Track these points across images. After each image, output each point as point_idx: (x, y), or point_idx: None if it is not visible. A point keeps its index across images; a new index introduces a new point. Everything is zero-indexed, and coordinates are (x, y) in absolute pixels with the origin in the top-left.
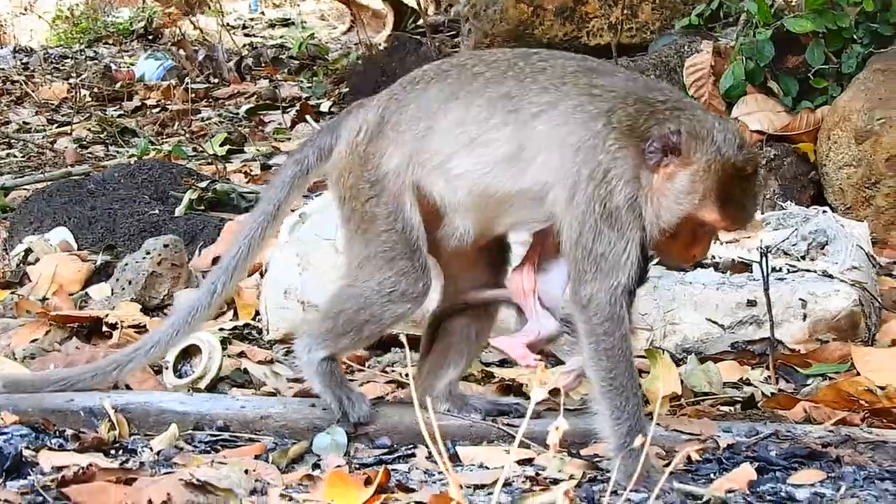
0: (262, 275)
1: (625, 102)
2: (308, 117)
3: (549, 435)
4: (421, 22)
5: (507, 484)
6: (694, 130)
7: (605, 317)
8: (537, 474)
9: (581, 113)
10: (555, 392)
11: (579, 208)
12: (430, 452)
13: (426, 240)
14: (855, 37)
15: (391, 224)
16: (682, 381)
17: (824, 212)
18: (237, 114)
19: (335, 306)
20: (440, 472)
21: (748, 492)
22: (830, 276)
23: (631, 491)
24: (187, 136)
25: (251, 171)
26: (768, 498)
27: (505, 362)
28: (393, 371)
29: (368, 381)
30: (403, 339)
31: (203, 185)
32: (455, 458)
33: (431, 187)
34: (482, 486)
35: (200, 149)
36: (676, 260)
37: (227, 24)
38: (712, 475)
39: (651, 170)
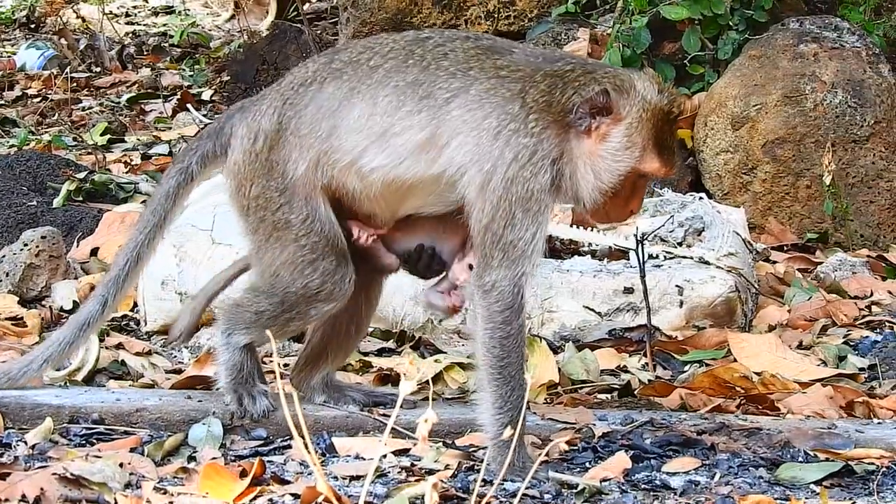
0: None
1: (533, 80)
2: (189, 106)
3: (419, 427)
4: (304, 8)
5: (382, 475)
6: (617, 86)
7: (507, 305)
8: (412, 465)
9: (494, 96)
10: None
11: (495, 193)
12: (305, 444)
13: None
14: (730, 23)
15: (308, 228)
16: (559, 369)
17: (701, 198)
18: (118, 103)
19: (256, 303)
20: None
21: (623, 480)
22: (707, 263)
23: (506, 480)
24: (68, 125)
25: (131, 161)
26: (643, 486)
27: (383, 352)
28: (271, 361)
29: None
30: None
31: (81, 175)
32: (331, 450)
33: (345, 185)
34: (357, 477)
35: (80, 139)
36: (614, 219)
37: (110, 13)
38: (588, 464)
39: (583, 135)
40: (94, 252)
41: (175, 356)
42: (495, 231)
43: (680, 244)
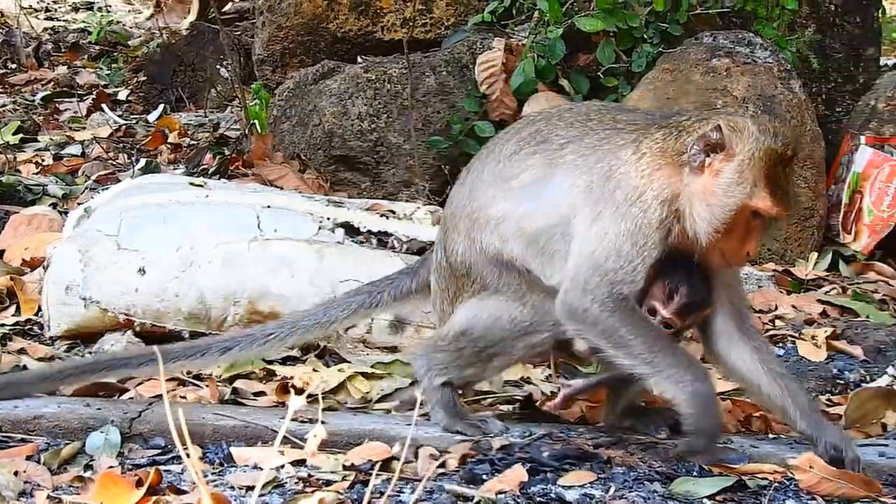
0: (45, 269)
1: (648, 132)
2: (104, 106)
3: (308, 442)
4: (227, 8)
5: (279, 485)
6: (731, 125)
7: (598, 322)
8: (309, 475)
9: (608, 144)
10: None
11: (603, 221)
12: (204, 453)
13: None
14: (645, 36)
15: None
16: None
17: None
18: (33, 101)
19: (458, 340)
20: (214, 473)
21: (518, 493)
22: None
23: (398, 491)
24: None
25: (43, 161)
26: (538, 499)
27: (287, 360)
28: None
29: (149, 379)
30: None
31: None
32: (229, 459)
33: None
34: (253, 488)
35: None
36: (729, 260)
37: (29, 7)
38: (484, 476)
39: (697, 172)
40: (0, 255)
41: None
42: (597, 260)
43: None
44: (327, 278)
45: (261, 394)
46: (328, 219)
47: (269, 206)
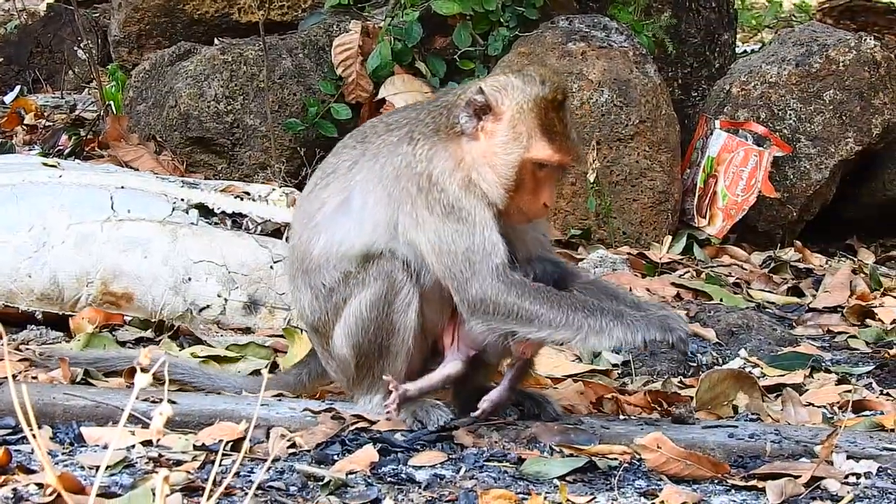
0: None
1: (419, 119)
2: None
3: (153, 420)
4: None
5: (129, 465)
6: (494, 85)
7: (502, 304)
8: (160, 455)
9: (385, 147)
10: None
11: (426, 222)
12: (54, 433)
13: None
14: (501, 20)
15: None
16: None
17: None
18: None
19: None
20: (64, 453)
21: (369, 473)
22: None
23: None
24: None
25: None
26: (388, 479)
27: (141, 341)
28: (27, 349)
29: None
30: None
31: None
32: (80, 439)
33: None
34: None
35: None
36: (528, 214)
37: None
38: (335, 457)
39: (473, 140)
40: None
41: None
42: (449, 250)
43: None
44: (181, 259)
45: (112, 374)
46: (182, 200)
47: (122, 187)
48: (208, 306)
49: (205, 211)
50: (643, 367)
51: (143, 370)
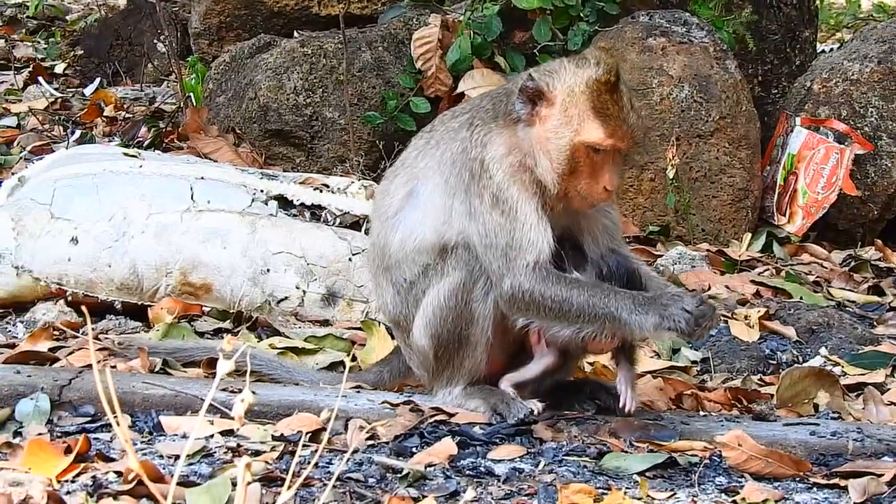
0: None
1: (480, 106)
2: (40, 79)
3: (235, 407)
4: None
5: (208, 454)
6: (546, 70)
7: (534, 300)
8: (238, 445)
9: (447, 135)
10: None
11: (476, 211)
12: (133, 422)
13: None
14: (581, 14)
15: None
16: None
17: None
18: None
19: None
20: (143, 442)
21: (448, 466)
22: None
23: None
24: None
25: None
26: (467, 472)
27: (219, 332)
28: (106, 338)
29: (80, 349)
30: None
31: None
32: (158, 428)
33: None
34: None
35: None
36: (589, 199)
37: None
38: (414, 449)
39: (529, 127)
40: None
41: (9, 330)
42: (491, 243)
43: None
44: (260, 250)
45: (191, 365)
46: (262, 191)
47: (202, 178)
48: (286, 298)
49: (284, 203)
50: (722, 364)
51: (226, 357)
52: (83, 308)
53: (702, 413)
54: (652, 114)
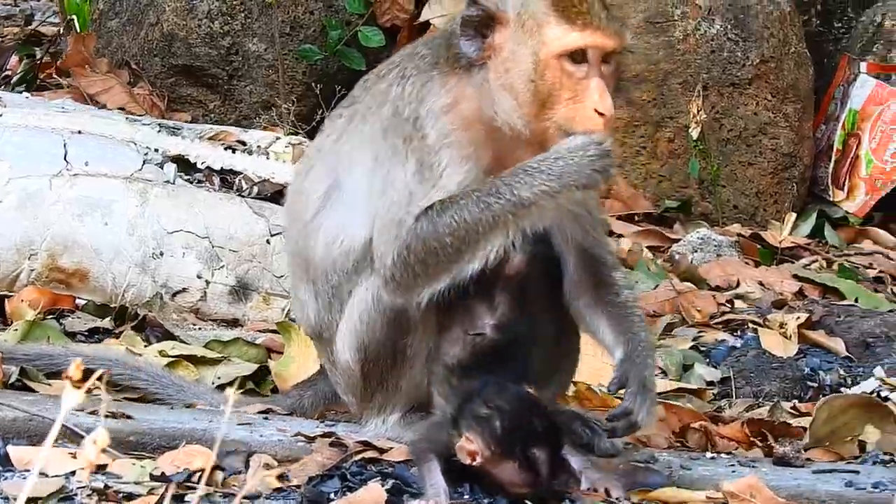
0: None
1: (414, 54)
2: None
3: (84, 448)
4: None
5: (67, 497)
6: None
7: (428, 242)
8: (106, 487)
9: (373, 99)
10: None
11: (394, 181)
12: None
13: None
14: None
15: None
16: None
17: None
18: None
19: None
20: None
21: None
22: None
23: None
24: None
25: None
26: None
27: (94, 333)
28: None
29: None
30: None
31: None
32: (5, 461)
33: None
34: (36, 500)
35: None
36: (581, 123)
37: None
38: (332, 495)
39: (481, 64)
40: None
41: None
42: (391, 219)
43: None
44: (151, 228)
45: (57, 375)
46: (156, 150)
47: (80, 132)
48: (185, 290)
49: (185, 165)
50: (746, 385)
51: (76, 384)
52: None
53: (709, 455)
54: (672, 54)
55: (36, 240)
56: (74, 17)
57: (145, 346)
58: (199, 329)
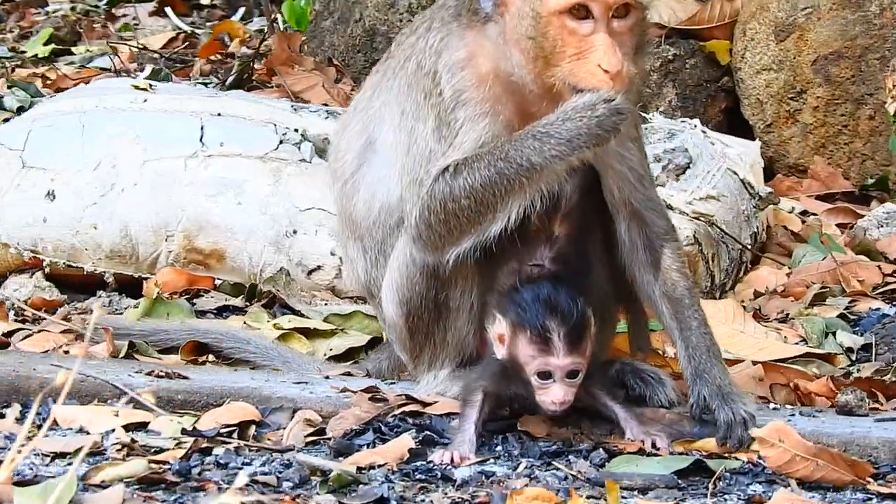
0: None
1: (442, 5)
2: (168, 10)
3: (143, 396)
4: None
5: (99, 452)
6: None
7: (447, 203)
8: (133, 442)
9: (402, 53)
10: None
11: (417, 139)
12: (21, 413)
13: None
14: None
15: None
16: None
17: (693, 126)
18: (96, 6)
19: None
20: (29, 437)
21: (395, 468)
22: (670, 207)
23: None
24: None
25: (49, 76)
26: (417, 476)
27: (224, 311)
28: (83, 319)
29: (41, 331)
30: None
31: None
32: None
33: None
34: (63, 455)
35: (16, 50)
36: (587, 80)
37: None
38: (367, 446)
39: (497, 20)
40: None
41: None
42: (414, 178)
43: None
44: (284, 206)
45: (170, 350)
46: (295, 130)
47: (219, 114)
48: (319, 267)
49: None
50: (888, 352)
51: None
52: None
53: (772, 406)
54: (869, 29)
55: (171, 221)
56: (278, 16)
57: (267, 322)
58: (326, 304)
